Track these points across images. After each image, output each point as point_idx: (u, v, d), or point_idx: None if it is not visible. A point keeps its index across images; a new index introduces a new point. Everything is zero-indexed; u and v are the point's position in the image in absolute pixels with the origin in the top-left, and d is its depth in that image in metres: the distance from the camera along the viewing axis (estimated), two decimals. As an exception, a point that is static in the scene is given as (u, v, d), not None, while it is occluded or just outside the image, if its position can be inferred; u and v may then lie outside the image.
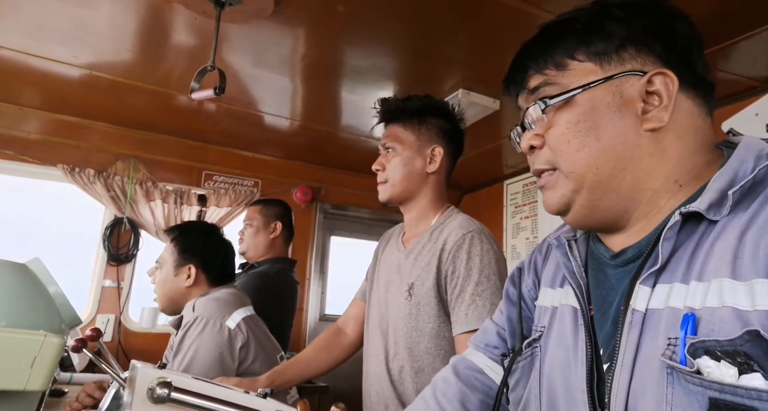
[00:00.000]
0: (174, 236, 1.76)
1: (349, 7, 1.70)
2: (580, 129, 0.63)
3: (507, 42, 1.87)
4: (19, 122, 2.74)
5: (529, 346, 0.74)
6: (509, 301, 0.85)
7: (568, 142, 0.64)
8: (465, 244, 1.28)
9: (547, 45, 0.67)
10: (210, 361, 1.48)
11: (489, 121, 2.50)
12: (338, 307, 3.54)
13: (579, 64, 0.64)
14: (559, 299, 0.74)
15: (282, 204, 2.60)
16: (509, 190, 3.51)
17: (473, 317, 1.22)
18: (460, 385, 0.82)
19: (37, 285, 0.95)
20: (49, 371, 0.77)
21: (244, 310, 1.65)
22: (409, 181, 1.40)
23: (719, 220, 0.54)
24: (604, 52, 0.63)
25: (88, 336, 1.10)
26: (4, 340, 0.76)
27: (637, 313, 0.57)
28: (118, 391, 1.02)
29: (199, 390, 0.81)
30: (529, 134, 0.69)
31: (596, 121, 0.62)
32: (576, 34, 0.65)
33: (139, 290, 2.94)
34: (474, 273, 1.25)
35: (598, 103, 0.63)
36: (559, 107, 0.65)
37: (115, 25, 1.89)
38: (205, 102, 2.56)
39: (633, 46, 0.63)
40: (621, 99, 0.62)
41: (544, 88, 0.66)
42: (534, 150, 0.69)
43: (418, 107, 1.43)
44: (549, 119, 0.66)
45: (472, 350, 0.87)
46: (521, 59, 0.70)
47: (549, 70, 0.66)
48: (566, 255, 0.72)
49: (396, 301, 1.35)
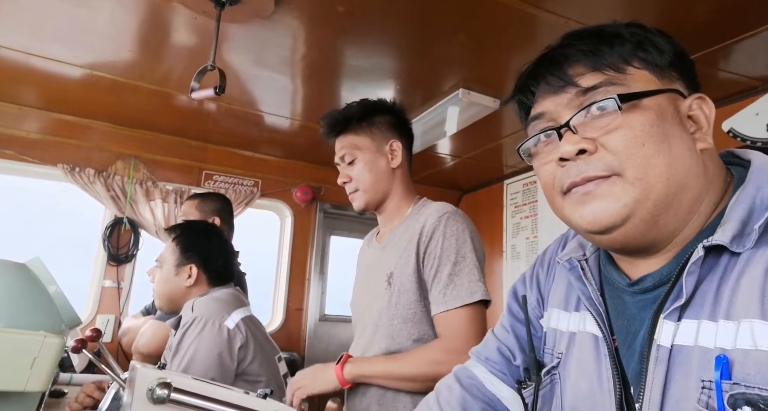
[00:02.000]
0: (176, 235, 1.76)
1: (349, 7, 1.70)
2: (654, 134, 0.57)
3: (507, 42, 1.87)
4: (19, 122, 2.74)
5: (548, 373, 0.72)
6: (515, 319, 0.83)
7: (643, 145, 0.57)
8: (440, 225, 1.28)
9: (599, 46, 0.61)
10: (209, 361, 1.48)
11: (489, 121, 2.50)
12: (338, 307, 3.54)
13: (637, 71, 0.60)
14: (576, 325, 0.70)
15: (221, 198, 2.51)
16: (509, 190, 3.51)
17: (451, 297, 1.22)
18: (464, 393, 0.82)
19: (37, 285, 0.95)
20: (49, 372, 0.77)
21: (243, 311, 1.64)
22: (379, 182, 1.41)
23: (743, 253, 0.53)
24: (659, 64, 0.61)
25: (88, 336, 1.10)
26: (3, 340, 0.76)
27: (663, 348, 0.55)
28: (117, 392, 1.02)
29: (198, 390, 0.81)
30: (575, 137, 0.60)
31: (667, 129, 0.58)
32: (629, 42, 0.61)
33: (139, 290, 2.94)
34: (451, 253, 1.25)
35: (665, 111, 0.59)
36: (627, 109, 0.58)
37: (116, 24, 1.89)
38: (205, 102, 2.56)
39: (677, 66, 0.62)
40: (679, 114, 0.60)
41: (607, 87, 0.60)
42: (581, 155, 0.60)
43: (362, 111, 1.43)
44: (609, 122, 0.59)
45: (474, 362, 0.86)
46: (566, 55, 0.63)
47: (608, 69, 0.61)
48: (581, 279, 0.68)
49: (376, 293, 1.35)
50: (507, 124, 2.67)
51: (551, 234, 3.11)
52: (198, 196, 2.51)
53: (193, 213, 2.38)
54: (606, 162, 0.58)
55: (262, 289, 3.31)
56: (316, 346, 3.36)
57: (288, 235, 3.43)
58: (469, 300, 1.22)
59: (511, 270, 3.40)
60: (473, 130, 2.63)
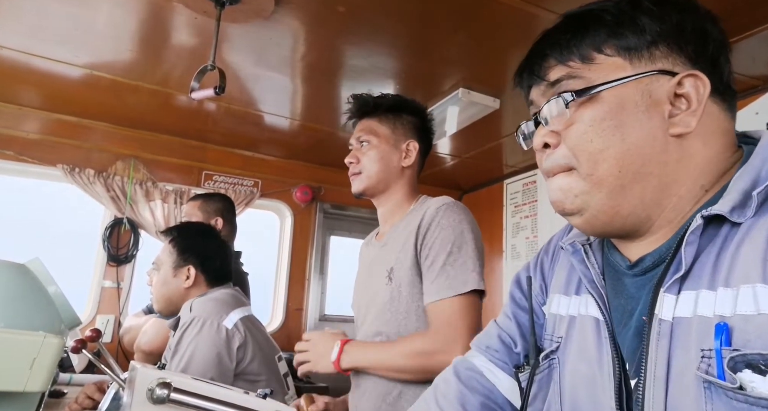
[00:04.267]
0: (172, 237, 1.75)
1: (349, 7, 1.70)
2: (605, 127, 0.58)
3: (507, 42, 1.87)
4: (18, 122, 2.74)
5: (546, 357, 0.71)
6: (517, 306, 0.82)
7: (591, 142, 0.59)
8: (437, 216, 1.28)
9: (573, 35, 0.62)
10: (208, 361, 1.48)
11: (489, 121, 2.50)
12: (338, 307, 3.54)
13: (606, 59, 0.60)
14: (577, 308, 0.70)
15: (224, 198, 2.51)
16: (509, 190, 3.50)
17: (442, 287, 1.22)
18: (461, 386, 0.80)
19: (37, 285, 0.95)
20: (49, 372, 0.77)
21: (242, 310, 1.64)
22: (385, 174, 1.41)
23: (743, 223, 0.52)
24: (635, 47, 0.59)
25: (88, 337, 1.10)
26: (3, 340, 0.76)
27: (665, 322, 0.54)
28: (117, 392, 1.02)
29: (198, 390, 0.81)
30: (543, 131, 0.64)
31: (623, 120, 0.58)
32: (605, 26, 0.60)
33: (139, 291, 2.94)
34: (446, 243, 1.25)
35: (626, 101, 0.58)
36: (583, 103, 0.60)
37: (116, 24, 1.88)
38: (205, 102, 2.55)
39: (665, 43, 0.59)
40: (650, 99, 0.58)
41: (567, 81, 0.61)
42: (547, 148, 0.64)
43: (393, 103, 1.45)
44: (570, 116, 0.61)
45: (474, 351, 0.84)
46: (541, 48, 0.65)
47: (573, 62, 0.61)
48: (584, 262, 0.68)
49: (377, 290, 1.35)
50: (507, 124, 2.67)
51: (551, 234, 3.10)
52: (200, 196, 2.51)
53: (196, 213, 2.38)
54: (563, 157, 0.62)
55: (262, 289, 3.31)
56: (316, 347, 3.36)
57: (288, 235, 3.43)
58: (462, 290, 1.21)
59: (511, 270, 3.40)
60: (473, 129, 2.63)
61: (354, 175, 1.43)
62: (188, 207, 2.45)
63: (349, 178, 1.45)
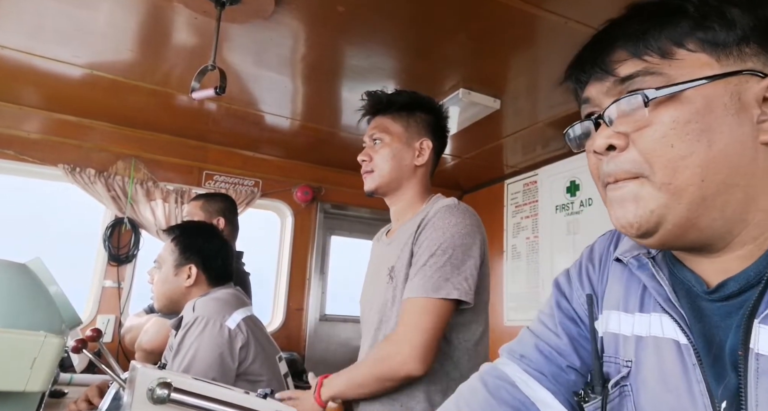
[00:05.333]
0: (175, 235, 1.75)
1: (349, 7, 1.70)
2: (689, 131, 0.51)
3: (507, 42, 1.87)
4: (19, 122, 2.74)
5: (617, 385, 0.63)
6: (564, 315, 0.73)
7: (672, 146, 0.52)
8: (435, 217, 1.27)
9: (651, 26, 0.55)
10: (210, 361, 1.48)
11: (489, 121, 2.50)
12: (338, 307, 3.54)
13: (690, 54, 0.53)
14: (646, 328, 0.62)
15: (226, 198, 2.51)
16: (510, 190, 3.50)
17: (413, 286, 1.20)
18: (487, 396, 0.71)
19: (38, 285, 0.95)
20: (49, 372, 0.77)
21: (244, 311, 1.65)
22: (398, 172, 1.40)
23: None
24: (723, 42, 0.52)
25: (89, 336, 1.10)
26: (4, 340, 0.76)
27: (763, 357, 0.48)
28: (118, 392, 1.02)
29: (198, 390, 0.81)
30: (607, 131, 0.56)
31: (710, 123, 0.51)
32: (689, 18, 0.53)
33: (140, 291, 2.94)
34: (432, 244, 1.22)
35: (714, 102, 0.51)
36: (663, 102, 0.53)
37: (116, 24, 1.88)
38: (205, 102, 2.56)
39: (757, 41, 0.52)
40: (739, 102, 0.51)
41: (644, 77, 0.54)
42: (611, 151, 0.56)
43: (407, 101, 1.43)
44: (643, 117, 0.54)
45: (506, 360, 0.75)
46: (610, 39, 0.58)
47: (650, 56, 0.54)
48: (654, 278, 0.61)
49: (380, 289, 1.35)
50: (507, 124, 2.67)
51: (551, 234, 3.11)
52: (202, 196, 2.51)
53: (198, 213, 2.39)
54: (633, 162, 0.55)
55: (262, 288, 3.31)
56: (316, 346, 3.36)
57: (288, 235, 3.43)
58: (432, 295, 1.18)
59: (511, 270, 3.40)
60: (474, 129, 2.63)
61: (366, 173, 1.41)
62: (190, 207, 2.45)
63: (362, 176, 1.42)
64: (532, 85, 2.23)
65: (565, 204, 3.04)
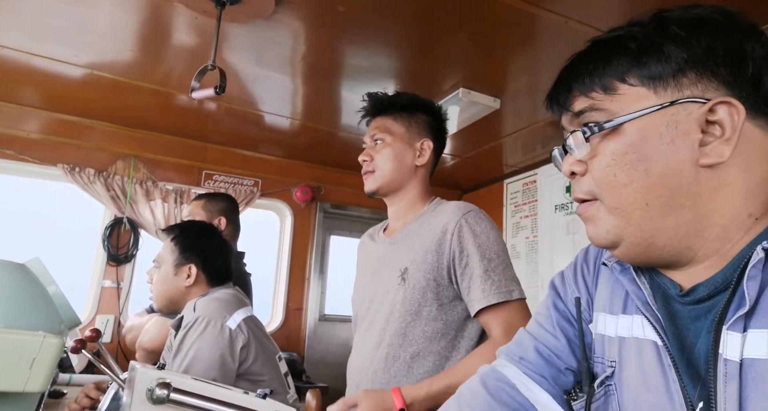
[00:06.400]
0: (174, 235, 1.75)
1: (349, 7, 1.70)
2: (627, 161, 0.57)
3: (507, 42, 1.87)
4: (19, 122, 2.74)
5: (602, 384, 0.66)
6: (561, 316, 0.76)
7: (615, 176, 0.58)
8: (468, 223, 1.28)
9: (596, 64, 0.60)
10: (211, 361, 1.48)
11: (489, 121, 2.50)
12: (338, 307, 3.54)
13: (630, 89, 0.58)
14: (628, 329, 0.65)
15: (227, 198, 2.52)
16: (509, 190, 3.51)
17: (491, 292, 1.22)
18: (488, 398, 0.73)
19: (37, 285, 0.95)
20: (48, 372, 0.77)
21: (245, 311, 1.64)
22: (399, 172, 1.40)
23: None
24: (659, 76, 0.56)
25: (88, 337, 1.10)
26: (3, 341, 0.76)
27: (731, 362, 0.50)
28: (117, 392, 1.02)
29: (198, 390, 0.81)
30: (570, 159, 0.63)
31: (646, 153, 0.56)
32: (629, 55, 0.58)
33: (139, 291, 2.94)
34: (484, 250, 1.26)
35: (649, 133, 0.56)
36: (605, 135, 0.58)
37: (116, 24, 1.88)
38: (205, 101, 2.56)
39: (693, 70, 0.56)
40: (676, 129, 0.55)
41: (590, 113, 0.60)
42: (575, 176, 0.63)
43: (408, 102, 1.44)
44: (593, 147, 0.60)
45: (505, 362, 0.77)
46: (566, 78, 0.64)
47: (596, 92, 0.60)
48: (635, 282, 0.64)
49: (387, 289, 1.34)
50: (507, 124, 2.67)
51: (551, 234, 3.11)
52: (204, 196, 2.51)
53: (200, 213, 2.39)
54: (589, 187, 0.61)
55: (262, 288, 3.31)
56: (315, 346, 3.37)
57: (288, 235, 3.43)
58: (509, 297, 1.23)
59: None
60: (473, 129, 2.63)
61: (367, 174, 1.42)
62: (192, 206, 2.46)
63: (362, 176, 1.43)
64: (532, 84, 2.23)
65: (564, 204, 3.04)
